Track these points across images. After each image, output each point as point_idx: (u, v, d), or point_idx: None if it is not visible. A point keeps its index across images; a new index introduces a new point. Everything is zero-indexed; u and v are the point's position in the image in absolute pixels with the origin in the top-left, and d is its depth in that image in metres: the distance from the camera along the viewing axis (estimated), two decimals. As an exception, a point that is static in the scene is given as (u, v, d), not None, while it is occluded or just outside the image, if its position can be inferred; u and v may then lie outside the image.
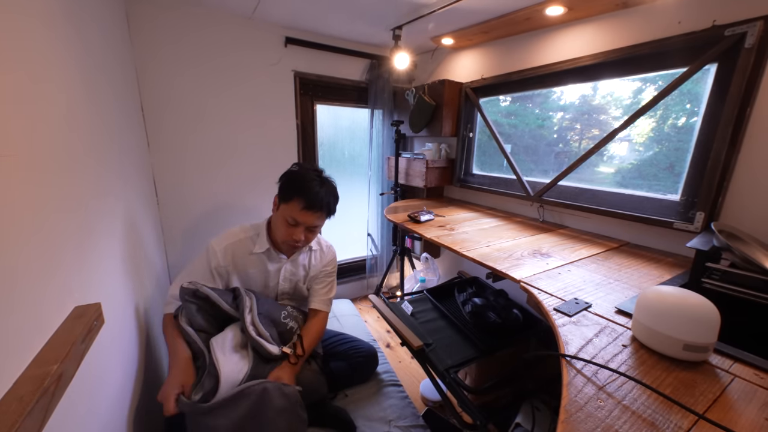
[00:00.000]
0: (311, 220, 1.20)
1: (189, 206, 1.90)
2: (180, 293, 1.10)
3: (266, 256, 1.29)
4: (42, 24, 0.71)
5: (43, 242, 0.61)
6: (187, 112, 1.80)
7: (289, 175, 1.23)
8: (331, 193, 1.25)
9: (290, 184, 1.20)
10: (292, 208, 1.18)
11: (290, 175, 1.23)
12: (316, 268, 1.39)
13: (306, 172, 1.23)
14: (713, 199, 1.15)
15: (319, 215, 1.21)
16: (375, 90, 2.34)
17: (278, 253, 1.30)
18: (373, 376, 1.46)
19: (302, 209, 1.17)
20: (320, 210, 1.20)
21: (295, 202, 1.17)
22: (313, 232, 1.26)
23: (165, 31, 1.67)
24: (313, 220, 1.21)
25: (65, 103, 0.78)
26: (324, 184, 1.23)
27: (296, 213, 1.18)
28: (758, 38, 1.02)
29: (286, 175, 1.24)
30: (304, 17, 1.83)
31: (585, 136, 1.63)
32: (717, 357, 0.70)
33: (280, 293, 1.35)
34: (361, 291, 2.80)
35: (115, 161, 1.12)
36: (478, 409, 1.03)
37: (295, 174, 1.23)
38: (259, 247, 1.26)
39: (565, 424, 0.54)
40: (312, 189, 1.18)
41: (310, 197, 1.17)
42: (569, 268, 1.13)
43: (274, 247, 1.28)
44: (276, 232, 1.26)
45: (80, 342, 0.62)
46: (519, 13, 1.53)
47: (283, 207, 1.20)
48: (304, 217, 1.19)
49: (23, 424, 0.44)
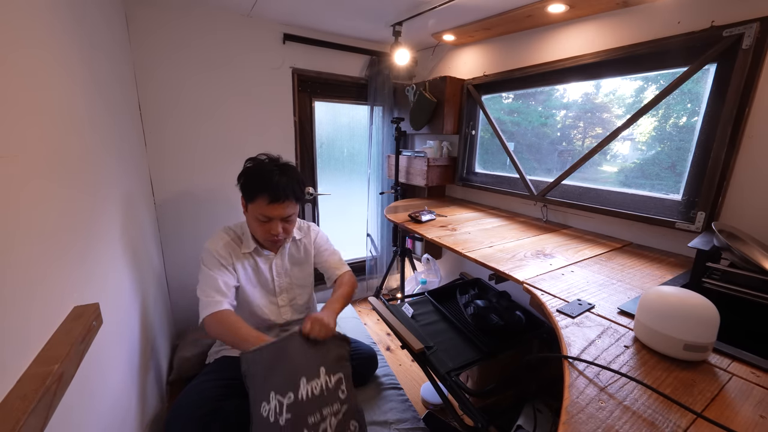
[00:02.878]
0: (282, 212, 1.20)
1: (186, 206, 1.90)
2: None
3: (256, 255, 1.31)
4: (42, 24, 0.70)
5: (43, 242, 0.61)
6: (184, 112, 1.80)
7: (247, 174, 1.21)
8: (294, 179, 1.22)
9: (250, 183, 1.19)
10: (258, 206, 1.18)
11: (247, 173, 1.21)
12: (315, 247, 1.44)
13: (262, 166, 1.21)
14: (713, 198, 1.15)
15: (287, 204, 1.20)
16: (375, 87, 2.33)
17: (264, 250, 1.32)
18: (373, 379, 1.46)
19: (269, 204, 1.17)
20: (286, 199, 1.19)
21: (259, 200, 1.17)
22: (290, 221, 1.26)
23: (163, 30, 1.67)
24: (284, 210, 1.20)
25: (64, 104, 0.78)
26: (283, 171, 1.21)
27: (264, 209, 1.18)
28: (755, 39, 1.03)
29: (243, 175, 1.22)
30: (302, 14, 1.82)
31: (588, 135, 1.63)
32: (716, 356, 0.70)
33: (278, 289, 1.36)
34: (360, 293, 2.78)
35: (113, 161, 1.12)
36: (480, 411, 1.03)
37: (252, 170, 1.21)
38: (246, 247, 1.28)
39: (566, 426, 0.54)
40: (272, 181, 1.17)
41: (272, 191, 1.16)
42: (572, 269, 1.13)
43: (259, 245, 1.30)
44: (255, 233, 1.27)
45: (80, 342, 0.62)
46: (520, 11, 1.53)
47: (251, 207, 1.20)
48: (273, 211, 1.18)
49: (27, 422, 0.44)
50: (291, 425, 0.95)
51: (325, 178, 2.45)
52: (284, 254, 1.37)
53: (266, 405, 0.96)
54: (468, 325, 1.33)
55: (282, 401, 0.97)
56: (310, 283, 1.47)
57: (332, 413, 1.01)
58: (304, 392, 1.00)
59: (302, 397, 0.99)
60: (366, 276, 2.71)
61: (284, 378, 1.00)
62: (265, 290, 1.34)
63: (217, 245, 1.24)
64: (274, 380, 0.99)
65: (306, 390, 1.01)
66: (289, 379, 1.00)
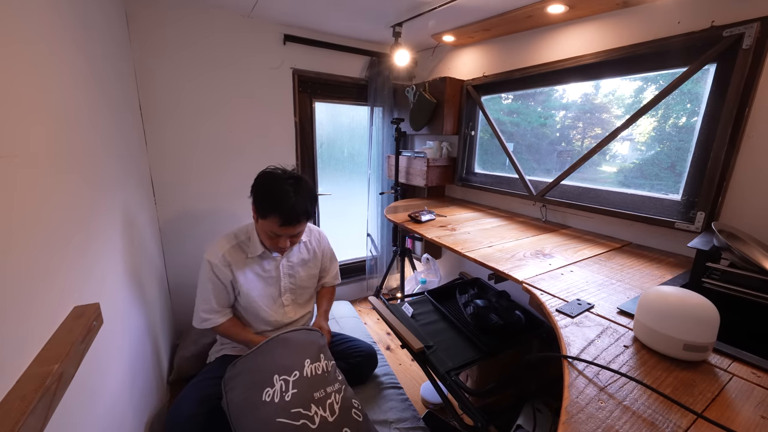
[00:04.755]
0: (292, 231, 1.19)
1: (186, 206, 1.90)
2: None
3: (263, 259, 1.30)
4: (43, 24, 0.71)
5: (43, 242, 0.61)
6: (185, 112, 1.80)
7: (261, 188, 1.17)
8: (308, 198, 1.19)
9: (263, 200, 1.15)
10: (270, 224, 1.15)
11: (262, 187, 1.17)
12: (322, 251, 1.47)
13: (278, 183, 1.15)
14: (713, 199, 1.15)
15: (299, 224, 1.19)
16: (375, 87, 2.33)
17: (272, 252, 1.31)
18: (372, 378, 1.46)
19: (281, 226, 1.14)
20: (299, 222, 1.18)
21: (271, 218, 1.14)
22: (299, 236, 1.27)
23: (164, 30, 1.67)
24: (294, 230, 1.19)
25: (65, 103, 0.78)
26: (299, 190, 1.16)
27: (275, 228, 1.16)
28: (755, 39, 1.03)
29: (257, 188, 1.18)
30: (302, 15, 1.83)
31: (587, 135, 1.63)
32: (716, 356, 0.70)
33: (283, 290, 1.36)
34: (360, 292, 2.79)
35: (113, 161, 1.12)
36: (479, 411, 1.03)
37: (267, 186, 1.16)
38: (252, 251, 1.26)
39: (566, 426, 0.54)
40: (287, 203, 1.13)
41: (286, 214, 1.13)
42: (572, 269, 1.13)
43: (266, 249, 1.28)
44: (263, 240, 1.26)
45: (80, 342, 0.62)
46: (520, 11, 1.53)
47: (262, 222, 1.18)
48: (284, 231, 1.17)
49: (26, 423, 0.44)
50: (298, 398, 1.01)
51: (326, 179, 2.45)
52: (291, 255, 1.37)
53: (269, 390, 1.01)
54: (467, 325, 1.33)
55: (288, 379, 1.04)
56: (314, 284, 1.48)
57: (335, 391, 1.09)
58: (308, 371, 1.08)
59: (307, 374, 1.08)
60: (366, 276, 2.71)
61: (291, 361, 1.09)
62: (270, 292, 1.33)
63: (215, 258, 1.21)
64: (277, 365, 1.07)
65: (310, 369, 1.09)
66: (296, 361, 1.09)
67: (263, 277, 1.30)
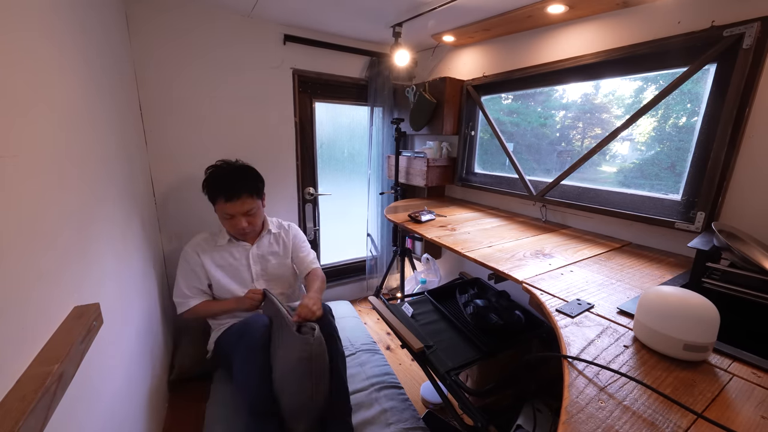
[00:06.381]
0: (240, 208, 1.35)
1: (186, 205, 1.89)
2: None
3: (231, 246, 1.48)
4: (43, 23, 0.71)
5: (43, 243, 0.61)
6: (185, 112, 1.79)
7: (206, 180, 1.38)
8: (245, 175, 1.38)
9: (209, 187, 1.37)
10: (220, 206, 1.35)
11: (205, 180, 1.39)
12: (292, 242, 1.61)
13: (217, 171, 1.38)
14: (713, 199, 1.15)
15: (243, 200, 1.34)
16: (375, 87, 2.33)
17: (240, 241, 1.49)
18: (372, 378, 1.46)
19: (226, 203, 1.33)
20: (241, 196, 1.33)
21: (219, 200, 1.34)
22: (252, 215, 1.40)
23: (164, 30, 1.66)
24: (241, 206, 1.35)
25: (65, 105, 0.78)
26: (236, 171, 1.37)
27: (224, 208, 1.34)
28: (756, 39, 1.03)
29: (204, 181, 1.39)
30: (303, 15, 1.82)
31: (587, 135, 1.63)
32: (716, 356, 0.70)
33: (255, 276, 1.49)
34: (360, 292, 2.79)
35: (114, 161, 1.12)
36: (479, 410, 1.03)
37: (207, 177, 1.38)
38: (221, 240, 1.47)
39: (566, 426, 0.54)
40: (224, 183, 1.33)
41: (226, 191, 1.32)
42: (572, 269, 1.13)
43: (234, 237, 1.47)
44: (226, 228, 1.45)
45: (80, 342, 0.62)
46: (520, 11, 1.53)
47: (216, 208, 1.39)
48: (232, 209, 1.34)
49: (26, 423, 0.44)
50: None
51: (326, 179, 2.45)
52: (261, 245, 1.52)
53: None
54: (467, 325, 1.33)
55: None
56: (288, 275, 1.59)
57: None
58: None
59: None
60: (366, 276, 2.71)
61: None
62: (242, 278, 1.47)
63: (189, 246, 1.44)
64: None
65: None
66: None
67: (232, 263, 1.46)
